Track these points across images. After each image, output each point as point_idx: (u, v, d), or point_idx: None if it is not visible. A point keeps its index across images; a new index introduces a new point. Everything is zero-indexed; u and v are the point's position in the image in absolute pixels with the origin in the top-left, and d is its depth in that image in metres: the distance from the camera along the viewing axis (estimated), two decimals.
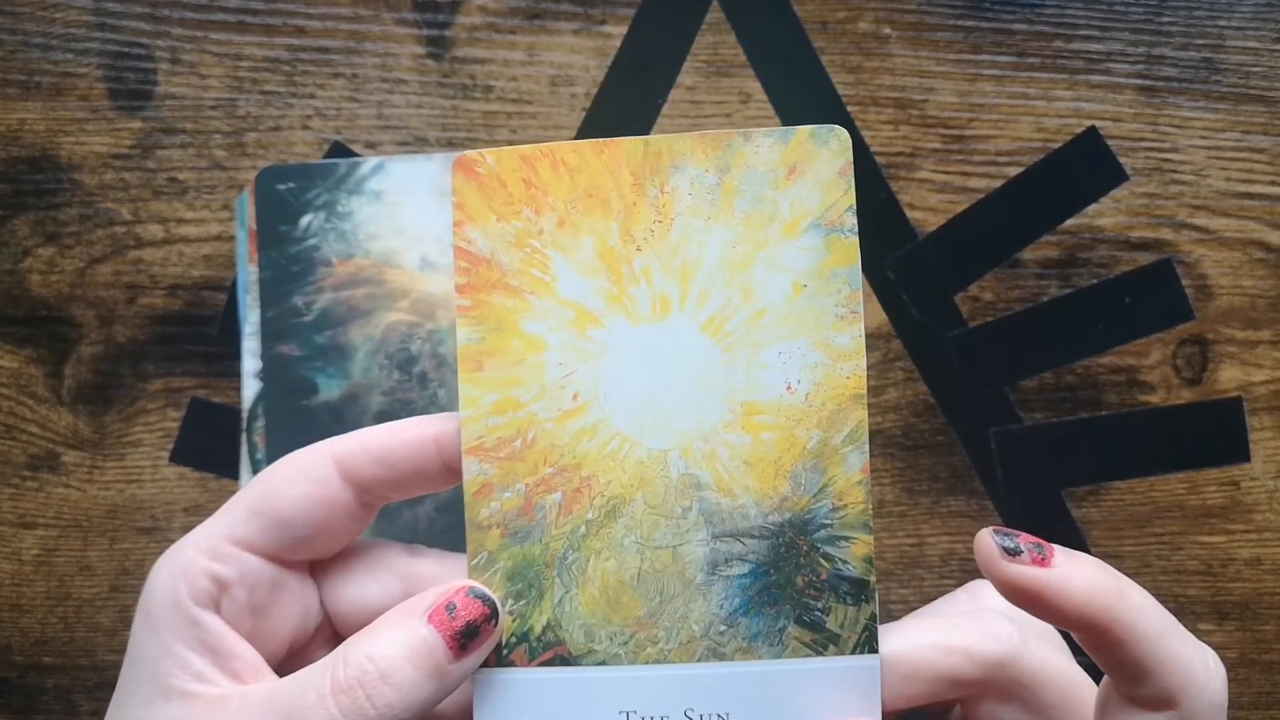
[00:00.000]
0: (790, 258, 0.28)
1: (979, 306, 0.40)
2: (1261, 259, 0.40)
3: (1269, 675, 0.40)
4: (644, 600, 0.28)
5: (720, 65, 0.40)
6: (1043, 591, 0.25)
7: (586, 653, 0.28)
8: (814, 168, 0.28)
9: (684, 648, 0.28)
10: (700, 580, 0.28)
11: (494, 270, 0.29)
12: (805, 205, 0.28)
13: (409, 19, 0.39)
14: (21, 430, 0.40)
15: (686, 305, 0.28)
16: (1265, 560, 0.40)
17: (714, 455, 0.28)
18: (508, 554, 0.28)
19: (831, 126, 0.28)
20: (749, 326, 0.28)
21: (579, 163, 0.29)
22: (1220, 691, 0.25)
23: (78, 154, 0.39)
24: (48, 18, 0.39)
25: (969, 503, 0.40)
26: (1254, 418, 0.40)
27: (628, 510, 0.28)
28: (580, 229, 0.29)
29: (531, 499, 0.28)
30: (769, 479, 0.28)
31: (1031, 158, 0.40)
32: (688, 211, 0.28)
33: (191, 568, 0.27)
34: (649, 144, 0.29)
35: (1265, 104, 0.40)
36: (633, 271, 0.29)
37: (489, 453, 0.28)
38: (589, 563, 0.28)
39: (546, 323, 0.28)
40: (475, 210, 0.29)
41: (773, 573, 0.28)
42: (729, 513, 0.28)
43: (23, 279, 0.40)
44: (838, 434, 0.28)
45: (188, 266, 0.39)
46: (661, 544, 0.28)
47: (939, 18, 0.40)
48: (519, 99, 0.40)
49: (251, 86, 0.39)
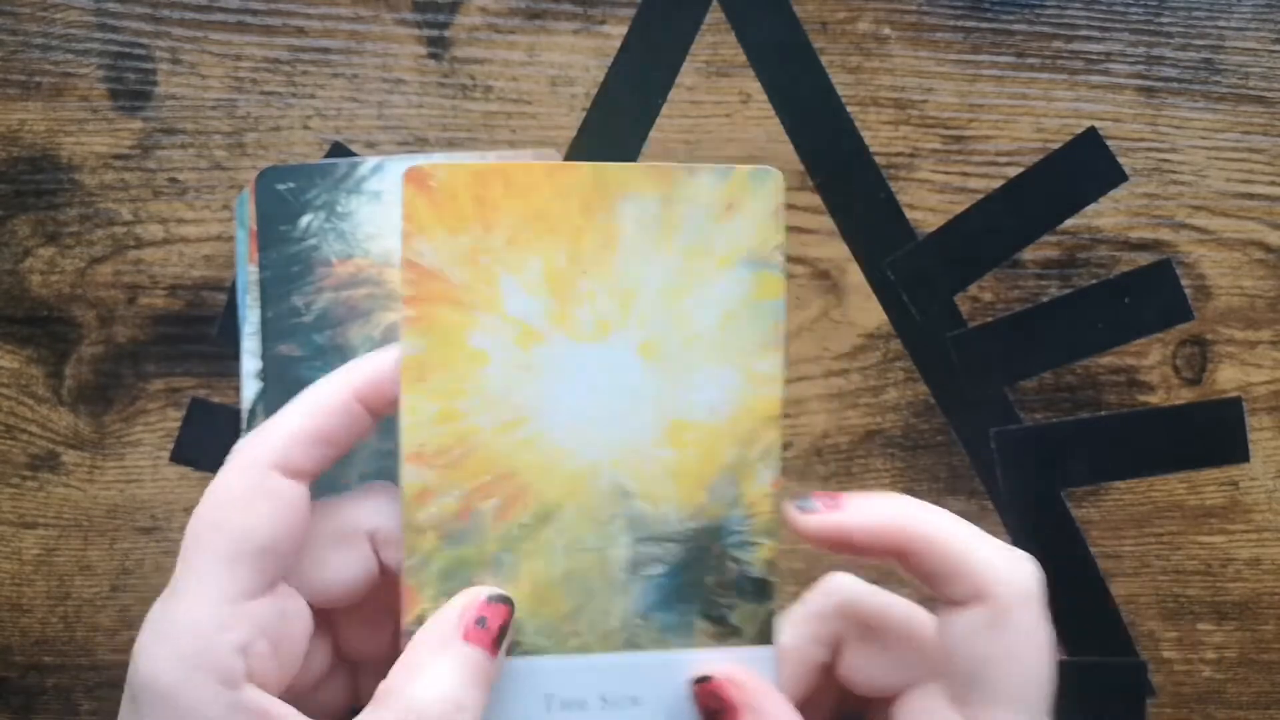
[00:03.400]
0: (722, 289, 0.30)
1: (979, 306, 0.40)
2: (1261, 259, 0.40)
3: (1269, 675, 0.40)
4: (570, 598, 0.30)
5: (720, 65, 0.40)
6: (840, 531, 0.28)
7: (515, 644, 0.30)
8: (750, 206, 0.30)
9: (604, 639, 0.30)
10: (622, 580, 0.30)
11: (441, 284, 0.30)
12: (739, 241, 0.30)
13: (409, 19, 0.39)
14: (22, 430, 0.40)
15: (626, 327, 0.30)
16: (1265, 560, 0.40)
17: (642, 468, 0.30)
18: (443, 556, 0.30)
19: (768, 169, 0.30)
20: (681, 351, 0.30)
21: (531, 184, 0.30)
22: (1029, 581, 0.27)
23: (78, 154, 0.39)
24: (48, 18, 0.39)
25: (969, 503, 0.40)
26: (1253, 418, 0.40)
27: (559, 516, 0.30)
28: (529, 249, 0.30)
29: (468, 504, 0.30)
30: (690, 490, 0.30)
31: (1031, 158, 0.40)
32: (632, 239, 0.30)
33: (210, 652, 0.26)
34: (599, 171, 0.30)
35: (1264, 104, 0.40)
36: (577, 293, 0.30)
37: (429, 460, 0.30)
38: (521, 564, 0.30)
39: (491, 338, 0.30)
40: (425, 223, 0.30)
41: (686, 573, 0.30)
42: (652, 519, 0.30)
43: (23, 279, 0.40)
44: (753, 451, 0.30)
45: (188, 267, 0.39)
46: (589, 547, 0.30)
47: (939, 18, 0.40)
48: (519, 99, 0.40)
49: (251, 87, 0.39)
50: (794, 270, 0.40)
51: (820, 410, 0.40)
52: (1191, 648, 0.40)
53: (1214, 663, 0.40)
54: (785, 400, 0.31)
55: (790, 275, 0.40)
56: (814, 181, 0.40)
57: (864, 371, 0.40)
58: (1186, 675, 0.40)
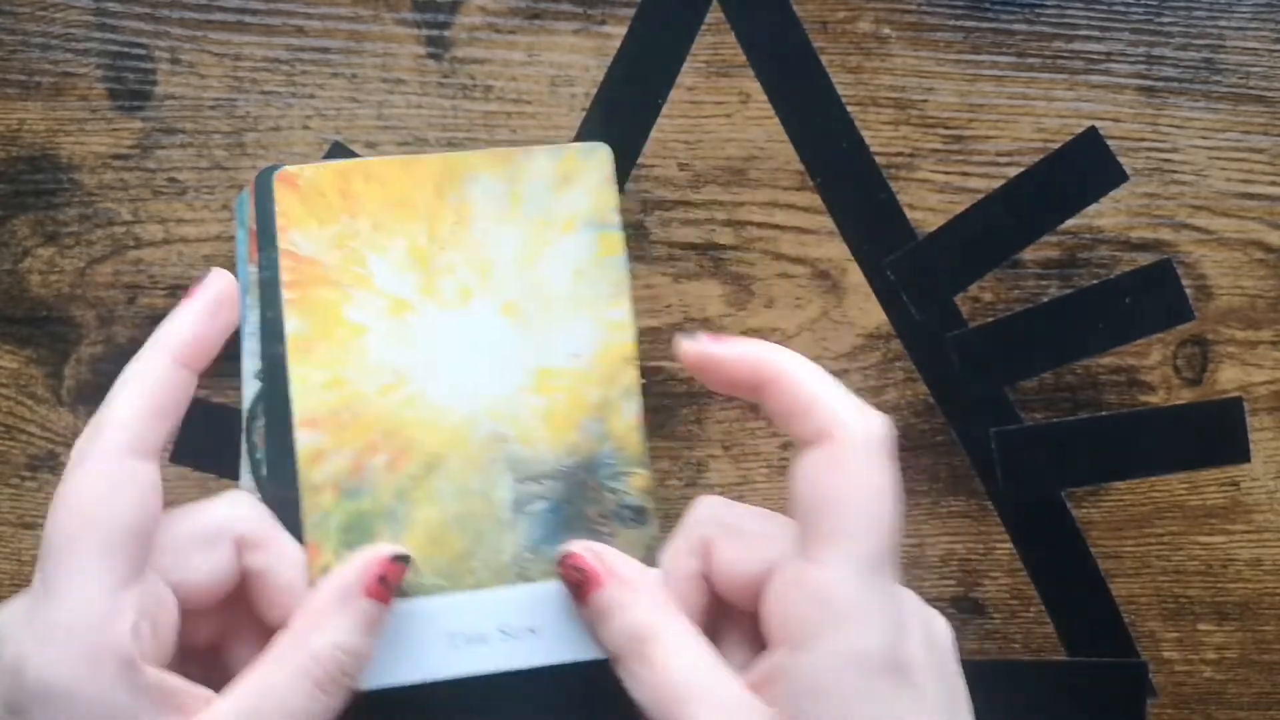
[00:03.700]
0: (569, 250, 0.34)
1: (979, 307, 0.40)
2: (1261, 259, 0.40)
3: (1269, 675, 0.40)
4: (462, 539, 0.33)
5: (720, 65, 0.40)
6: (710, 359, 0.31)
7: (415, 587, 0.33)
8: (584, 177, 0.34)
9: (497, 575, 0.33)
10: (508, 518, 0.33)
11: (316, 268, 0.33)
12: (578, 208, 0.34)
13: (409, 19, 0.39)
14: (21, 430, 0.40)
15: (486, 292, 0.34)
16: (1266, 560, 0.40)
17: (515, 414, 0.34)
18: (341, 510, 0.33)
19: (597, 144, 0.34)
20: (539, 308, 0.34)
21: (388, 176, 0.34)
22: (872, 428, 0.29)
23: (77, 154, 0.39)
24: (47, 17, 0.39)
25: (969, 503, 0.40)
26: (1254, 418, 0.40)
27: (444, 465, 0.33)
28: (393, 232, 0.34)
29: (360, 462, 0.33)
30: (561, 430, 0.34)
31: (1031, 158, 0.40)
32: (483, 215, 0.34)
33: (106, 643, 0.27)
34: (447, 160, 0.34)
35: (1265, 104, 0.40)
36: (439, 266, 0.34)
37: (320, 424, 0.33)
38: (413, 512, 0.33)
39: (365, 311, 0.33)
40: (298, 217, 0.33)
41: (568, 507, 0.34)
42: (529, 460, 0.34)
43: (22, 279, 0.40)
44: (615, 390, 0.34)
45: (188, 266, 0.39)
46: (474, 491, 0.33)
47: (939, 18, 0.40)
48: (519, 99, 0.40)
49: (251, 86, 0.39)
50: (794, 270, 0.40)
51: None
52: (1192, 648, 0.40)
53: (1215, 663, 0.40)
54: (637, 342, 0.34)
55: (790, 275, 0.40)
56: (814, 181, 0.40)
57: (864, 371, 0.40)
58: (1187, 676, 0.40)
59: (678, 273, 0.40)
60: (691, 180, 0.40)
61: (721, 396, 0.40)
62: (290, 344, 0.33)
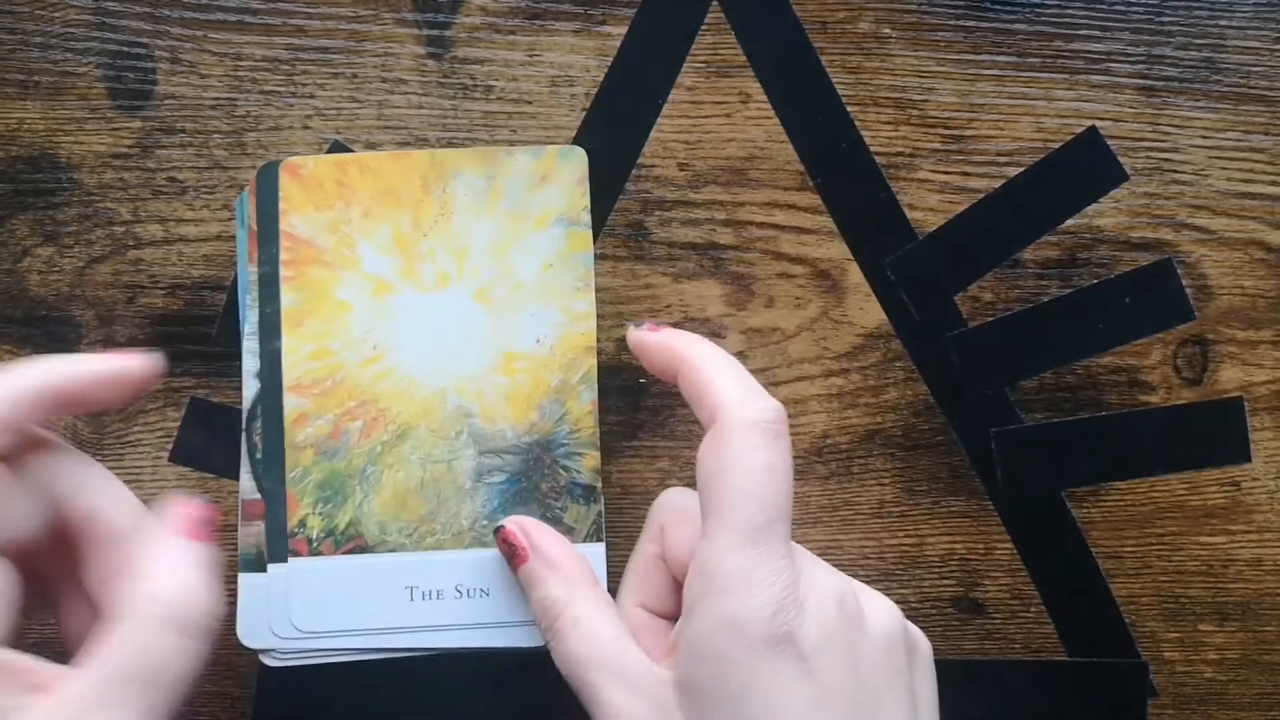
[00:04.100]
0: (541, 244, 0.37)
1: (979, 306, 0.40)
2: (1262, 259, 0.40)
3: (1270, 676, 0.40)
4: (425, 502, 0.37)
5: (720, 65, 0.40)
6: (641, 345, 0.34)
7: (380, 543, 0.36)
8: (560, 178, 0.37)
9: (456, 538, 0.36)
10: (469, 486, 0.37)
11: (311, 250, 0.37)
12: (552, 206, 0.37)
13: (409, 19, 0.39)
14: None
15: (462, 278, 0.37)
16: (1266, 561, 0.40)
17: (481, 392, 0.37)
18: (319, 468, 0.36)
19: (573, 147, 0.38)
20: (509, 295, 0.37)
21: (380, 168, 0.37)
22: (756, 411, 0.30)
23: (77, 153, 0.39)
24: (47, 17, 0.39)
25: (969, 503, 0.40)
26: (1255, 418, 0.40)
27: (414, 434, 0.37)
28: (380, 219, 0.37)
29: (339, 426, 0.37)
30: (522, 410, 0.37)
31: (1032, 158, 0.40)
32: (463, 208, 0.37)
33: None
34: (434, 156, 0.37)
35: (1266, 104, 0.40)
36: (420, 252, 0.37)
37: (306, 389, 0.37)
38: (383, 474, 0.37)
39: (352, 290, 0.37)
40: (298, 203, 0.37)
41: (524, 480, 0.37)
42: (491, 435, 0.37)
43: (22, 279, 0.39)
44: (574, 376, 0.37)
45: (187, 266, 0.39)
46: (439, 459, 0.37)
47: (939, 18, 0.40)
48: (519, 99, 0.40)
49: (251, 86, 0.39)
50: (794, 270, 0.40)
51: (820, 410, 0.40)
52: (1193, 648, 0.40)
53: (1215, 663, 0.40)
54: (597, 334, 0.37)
55: (790, 275, 0.40)
56: (814, 181, 0.40)
57: (864, 371, 0.40)
58: (1188, 676, 0.40)
59: (678, 272, 0.40)
60: (691, 180, 0.40)
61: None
62: (285, 316, 0.37)
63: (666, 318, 0.40)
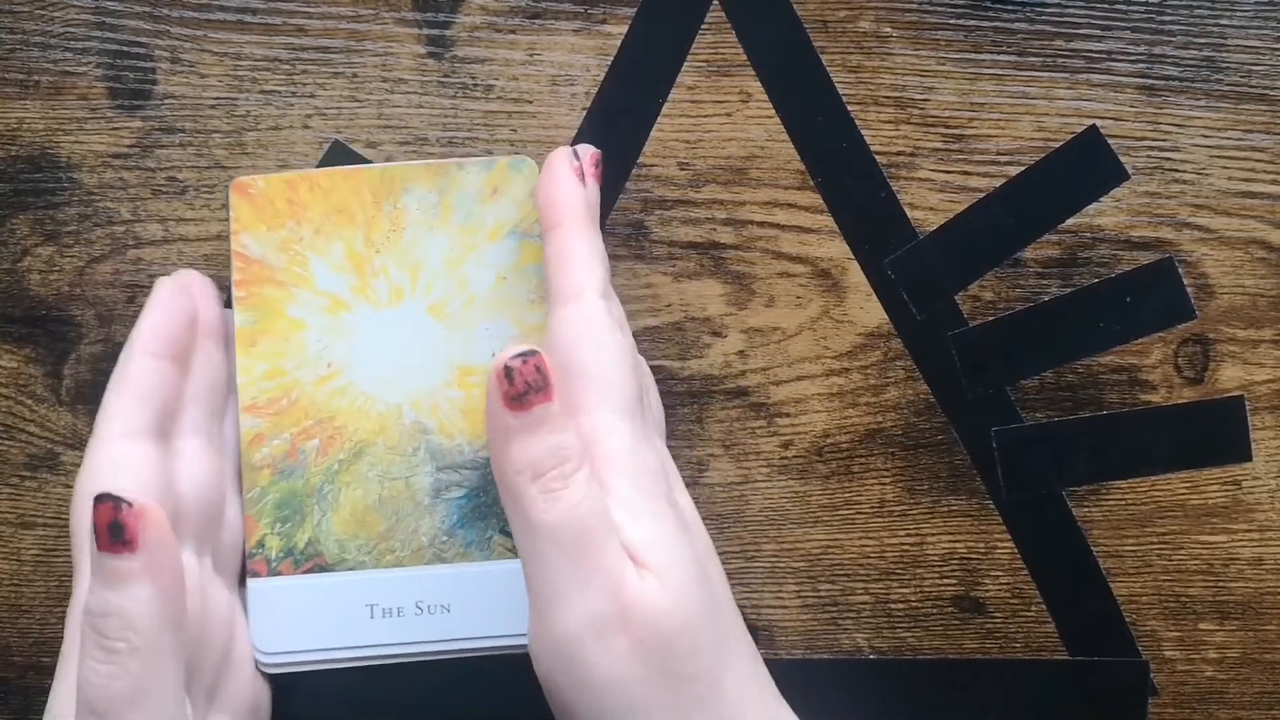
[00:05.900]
0: (494, 257, 0.37)
1: (979, 306, 0.40)
2: (1263, 258, 0.40)
3: (1271, 675, 0.40)
4: (384, 519, 0.36)
5: (720, 65, 0.40)
6: None
7: (339, 561, 0.36)
8: (510, 190, 0.37)
9: (415, 554, 0.36)
10: (427, 502, 0.36)
11: (264, 269, 0.37)
12: (504, 218, 0.37)
13: (409, 19, 0.39)
14: (20, 430, 0.40)
15: (416, 294, 0.37)
16: (1267, 560, 0.40)
17: (437, 407, 0.37)
18: (276, 488, 0.36)
19: (523, 158, 0.37)
20: (463, 309, 0.37)
21: (331, 185, 0.37)
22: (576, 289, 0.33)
23: (77, 153, 0.39)
24: (47, 16, 0.39)
25: (969, 502, 0.40)
26: (1256, 417, 0.40)
27: (371, 451, 0.36)
28: (332, 236, 0.37)
29: (295, 445, 0.36)
30: (478, 424, 0.36)
31: (1032, 157, 0.40)
32: (415, 223, 0.37)
33: None
34: (385, 171, 0.37)
35: (1266, 103, 0.40)
36: (374, 268, 0.37)
37: (261, 410, 0.36)
38: (341, 492, 0.36)
39: (306, 308, 0.37)
40: (249, 222, 0.37)
41: (482, 495, 0.36)
42: (448, 451, 0.36)
43: (22, 278, 0.39)
44: None
45: (188, 266, 0.39)
46: (397, 476, 0.36)
47: (939, 17, 0.40)
48: (519, 99, 0.40)
49: (251, 86, 0.39)
50: (794, 270, 0.40)
51: (820, 409, 0.40)
52: (1194, 647, 0.40)
53: (1216, 662, 0.40)
54: None
55: (791, 274, 0.40)
56: (814, 181, 0.40)
57: (864, 371, 0.40)
58: (1188, 675, 0.40)
59: (678, 272, 0.40)
60: (692, 179, 0.40)
61: (722, 396, 0.40)
62: (238, 336, 0.36)
63: (667, 317, 0.40)
